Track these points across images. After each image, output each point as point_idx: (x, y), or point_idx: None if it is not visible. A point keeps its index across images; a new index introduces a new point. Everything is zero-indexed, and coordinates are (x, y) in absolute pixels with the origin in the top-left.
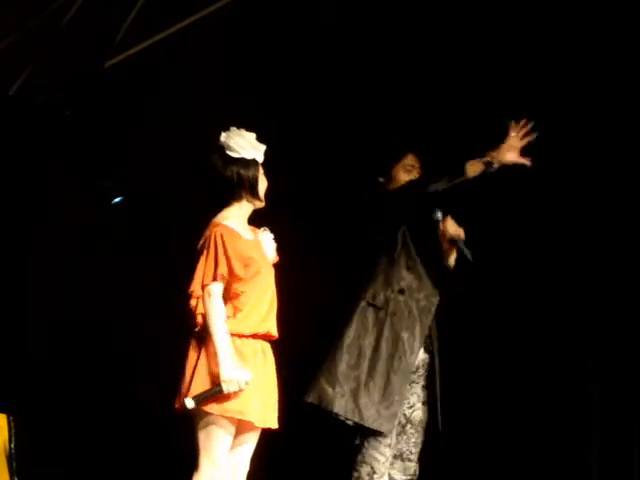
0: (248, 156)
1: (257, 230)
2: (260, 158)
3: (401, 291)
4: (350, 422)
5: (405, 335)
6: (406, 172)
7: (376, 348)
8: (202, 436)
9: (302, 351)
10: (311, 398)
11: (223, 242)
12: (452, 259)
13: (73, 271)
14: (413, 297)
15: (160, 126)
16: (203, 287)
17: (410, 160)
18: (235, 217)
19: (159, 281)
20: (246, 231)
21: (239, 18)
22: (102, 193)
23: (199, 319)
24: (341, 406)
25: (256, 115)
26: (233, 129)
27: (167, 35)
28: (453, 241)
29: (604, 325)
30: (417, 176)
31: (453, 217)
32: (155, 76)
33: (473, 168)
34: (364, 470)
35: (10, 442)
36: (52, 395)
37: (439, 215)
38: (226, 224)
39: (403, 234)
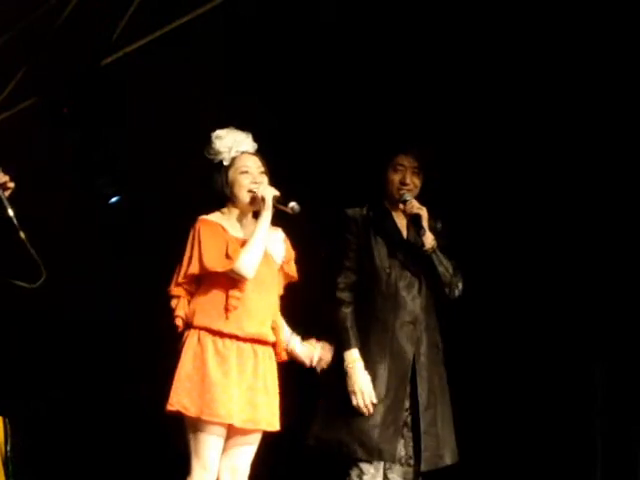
0: (223, 159)
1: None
2: (237, 155)
3: (377, 318)
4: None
5: (392, 361)
6: (396, 172)
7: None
8: (191, 439)
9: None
10: (311, 441)
11: (200, 235)
12: (429, 241)
13: (70, 272)
14: (393, 320)
15: (157, 124)
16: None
17: (401, 160)
18: (222, 215)
19: (154, 280)
20: (235, 228)
21: (237, 17)
22: (98, 191)
23: (178, 321)
24: (341, 445)
25: (255, 114)
26: (213, 134)
27: (164, 33)
28: (413, 221)
29: (606, 323)
30: (409, 177)
31: (453, 215)
32: (152, 74)
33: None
34: (354, 473)
35: (6, 445)
36: (48, 397)
37: (407, 196)
38: (206, 217)
39: (372, 262)
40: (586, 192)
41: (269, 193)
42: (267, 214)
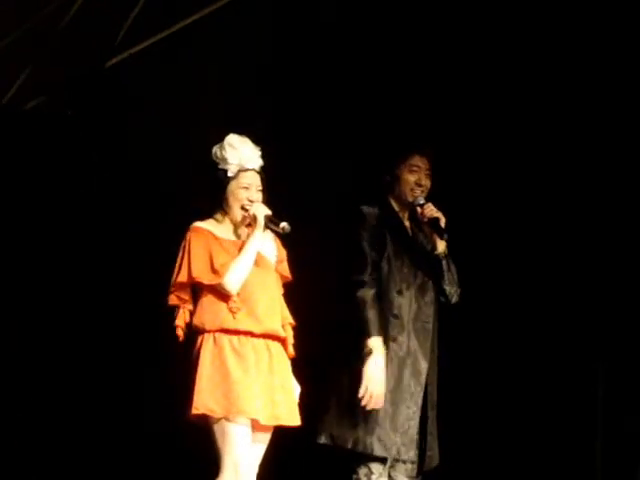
0: (228, 169)
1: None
2: (244, 169)
3: (395, 316)
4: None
5: (409, 359)
6: (411, 172)
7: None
8: (220, 441)
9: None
10: (324, 439)
11: (189, 244)
12: (441, 246)
13: (70, 274)
14: (409, 319)
15: (161, 126)
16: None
17: (416, 161)
18: (215, 222)
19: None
20: (229, 232)
21: (239, 18)
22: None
23: (178, 332)
24: (357, 441)
25: (256, 115)
26: (227, 139)
27: (168, 35)
28: (432, 225)
29: (608, 323)
30: (423, 178)
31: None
32: (156, 76)
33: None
34: (362, 471)
35: None
36: (50, 397)
37: (421, 200)
38: (197, 224)
39: (388, 260)
40: (587, 191)
41: (261, 212)
42: (258, 232)
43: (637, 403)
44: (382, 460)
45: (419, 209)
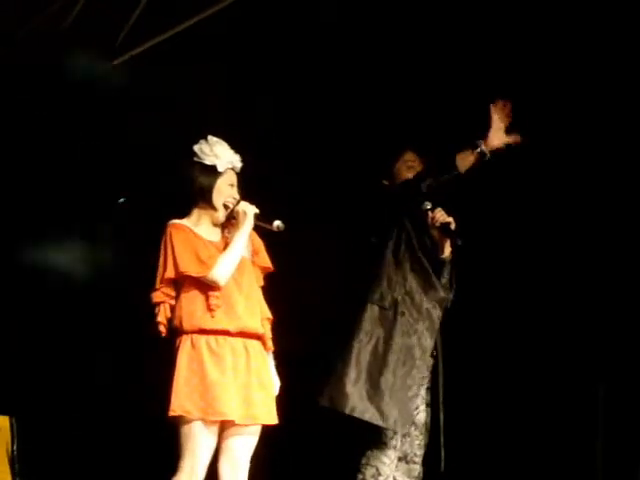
0: (218, 165)
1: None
2: (231, 167)
3: (408, 292)
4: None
5: (415, 336)
6: (408, 169)
7: (387, 349)
8: (183, 439)
9: (299, 352)
10: (324, 401)
11: (172, 240)
12: (447, 251)
13: (74, 270)
14: (420, 298)
15: (160, 126)
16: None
17: (409, 157)
18: (192, 219)
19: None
20: (207, 231)
21: (241, 19)
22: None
23: (161, 328)
24: (355, 407)
25: (257, 115)
26: (210, 138)
27: (170, 36)
28: (444, 230)
29: (609, 326)
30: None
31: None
32: (156, 76)
33: (464, 162)
34: (369, 472)
35: (12, 444)
36: (54, 396)
37: (428, 205)
38: (176, 221)
39: (407, 235)
40: (587, 215)
41: (250, 210)
42: (247, 228)
43: (637, 403)
44: (389, 463)
45: (430, 214)
